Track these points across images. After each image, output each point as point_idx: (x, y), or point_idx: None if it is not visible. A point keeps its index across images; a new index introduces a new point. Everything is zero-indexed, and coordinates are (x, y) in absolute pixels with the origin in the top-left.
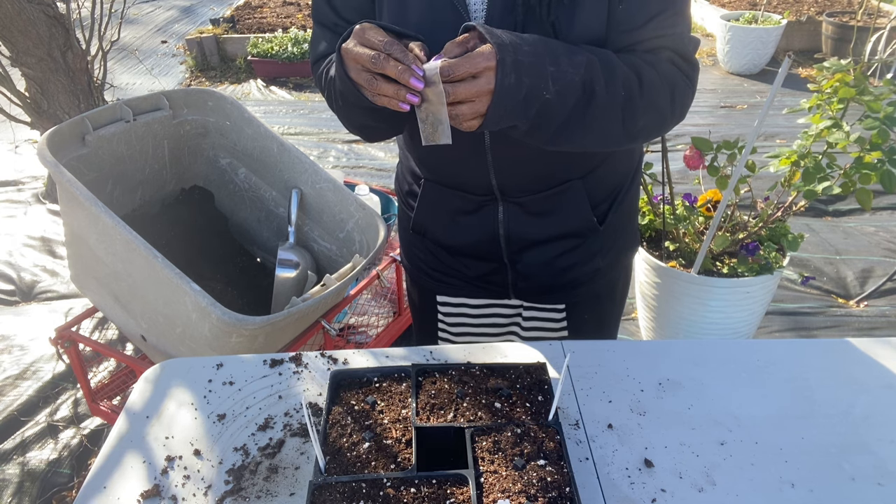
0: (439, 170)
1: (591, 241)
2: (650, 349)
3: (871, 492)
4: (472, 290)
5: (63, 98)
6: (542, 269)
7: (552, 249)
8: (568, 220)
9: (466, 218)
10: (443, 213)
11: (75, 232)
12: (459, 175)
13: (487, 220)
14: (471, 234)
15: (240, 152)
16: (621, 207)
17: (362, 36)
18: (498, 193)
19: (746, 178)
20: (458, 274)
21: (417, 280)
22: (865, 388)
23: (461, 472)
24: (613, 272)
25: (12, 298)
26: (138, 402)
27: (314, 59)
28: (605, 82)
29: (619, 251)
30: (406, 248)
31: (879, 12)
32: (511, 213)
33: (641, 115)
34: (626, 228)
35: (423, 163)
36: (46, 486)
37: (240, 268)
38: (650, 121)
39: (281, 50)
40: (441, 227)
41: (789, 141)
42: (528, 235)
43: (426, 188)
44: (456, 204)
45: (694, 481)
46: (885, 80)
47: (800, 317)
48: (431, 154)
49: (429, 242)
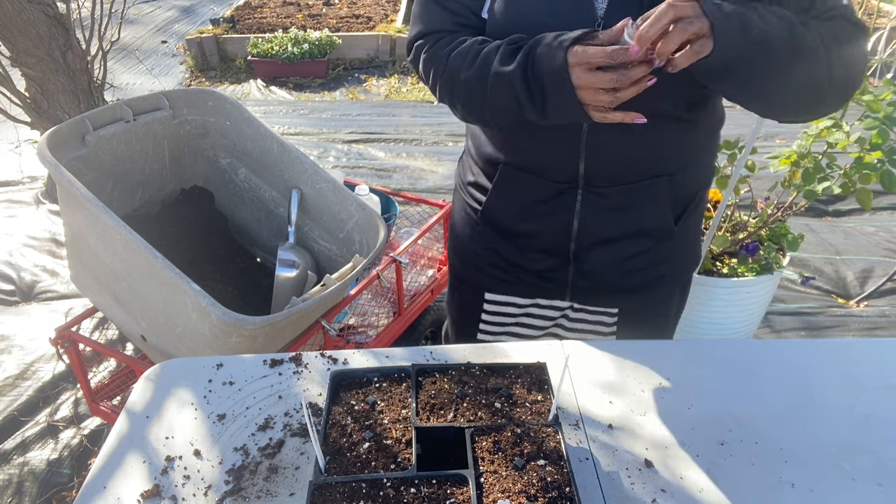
0: (525, 153)
1: (662, 243)
2: (650, 349)
3: (871, 492)
4: (525, 289)
5: (63, 98)
6: (607, 269)
7: (622, 249)
8: (646, 218)
9: (542, 206)
10: (517, 200)
11: (75, 232)
12: (546, 159)
13: (563, 210)
14: (542, 224)
15: (240, 152)
16: (693, 215)
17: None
18: (581, 181)
19: (746, 178)
20: (517, 269)
21: (467, 278)
22: (865, 388)
23: (461, 472)
24: (674, 284)
25: (12, 298)
26: (138, 402)
27: (421, 34)
28: (803, 29)
29: (684, 261)
30: (460, 244)
31: (879, 12)
32: (589, 205)
33: (838, 66)
34: (694, 240)
35: (508, 145)
36: (46, 486)
37: (240, 268)
38: (846, 73)
39: (281, 50)
40: (512, 215)
41: (789, 141)
42: (600, 231)
43: (503, 173)
44: (533, 191)
45: (694, 481)
46: (885, 80)
47: (800, 317)
48: (523, 135)
49: (492, 233)
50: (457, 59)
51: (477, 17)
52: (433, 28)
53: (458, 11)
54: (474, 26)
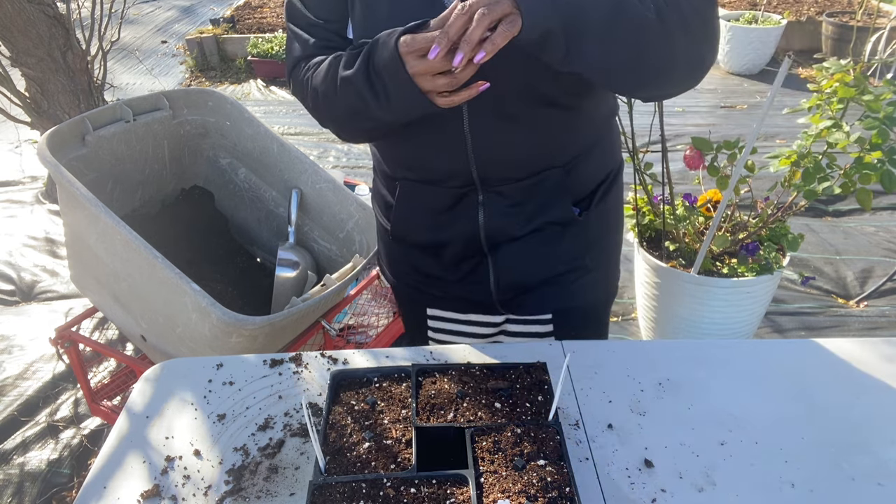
0: (417, 163)
1: (572, 233)
2: (650, 349)
3: (871, 492)
4: (457, 304)
5: (63, 98)
6: (523, 260)
7: (534, 243)
8: (547, 211)
9: (445, 215)
10: (421, 214)
11: (75, 232)
12: (438, 166)
13: (467, 214)
14: (450, 232)
15: (240, 152)
16: (603, 205)
17: (415, 46)
18: (478, 182)
19: (746, 178)
20: (442, 282)
21: (405, 294)
22: (865, 388)
23: (461, 472)
24: (600, 283)
25: (12, 298)
26: (138, 402)
27: (292, 65)
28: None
29: (604, 252)
30: (391, 264)
31: (879, 12)
32: (491, 204)
33: (680, 34)
34: (611, 228)
35: (399, 160)
36: (46, 486)
37: (240, 268)
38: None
39: (281, 50)
40: (420, 229)
41: (789, 141)
42: (508, 228)
43: (403, 189)
44: (434, 201)
45: (694, 481)
46: (885, 80)
47: (800, 317)
48: (408, 148)
49: (410, 250)
50: (316, 77)
51: (343, 39)
52: (301, 55)
53: (323, 36)
54: (342, 48)
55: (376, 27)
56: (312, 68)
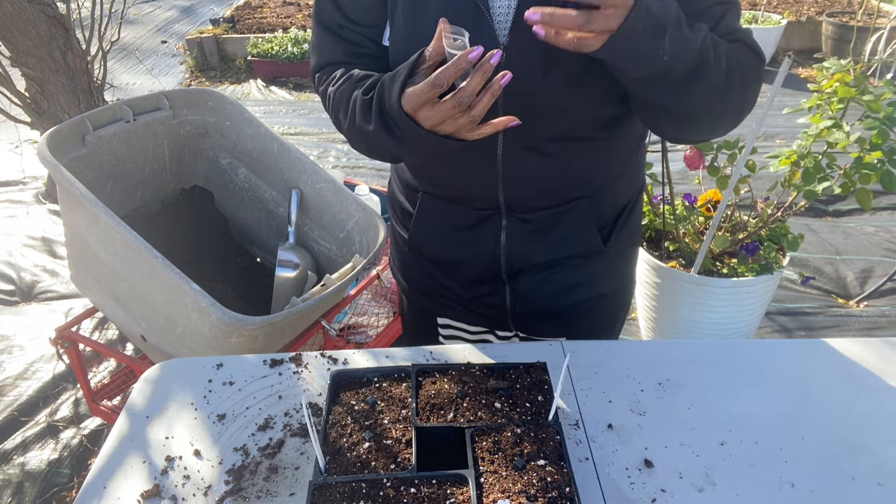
0: (442, 181)
1: (594, 263)
2: (650, 349)
3: (871, 492)
4: (471, 317)
5: (63, 98)
6: (542, 289)
7: (554, 272)
8: (572, 241)
9: (466, 234)
10: (441, 229)
11: (75, 232)
12: (464, 187)
13: (488, 236)
14: (469, 251)
15: (240, 152)
16: (625, 230)
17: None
18: (503, 208)
19: (746, 178)
20: (456, 295)
21: (416, 301)
22: (865, 388)
23: (461, 472)
24: (614, 304)
25: (12, 298)
26: (138, 402)
27: (317, 67)
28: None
29: (621, 278)
30: (404, 269)
31: (879, 12)
32: (514, 230)
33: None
34: (629, 255)
35: (424, 175)
36: (46, 486)
37: (240, 268)
38: (742, 98)
39: (281, 50)
40: (438, 244)
41: (789, 141)
42: (529, 255)
43: (423, 202)
44: (456, 218)
45: (694, 481)
46: (885, 80)
47: (800, 317)
48: (437, 167)
49: (425, 261)
50: (337, 103)
51: (377, 45)
52: (328, 60)
53: (355, 41)
54: (374, 55)
55: (420, 42)
56: (335, 85)
